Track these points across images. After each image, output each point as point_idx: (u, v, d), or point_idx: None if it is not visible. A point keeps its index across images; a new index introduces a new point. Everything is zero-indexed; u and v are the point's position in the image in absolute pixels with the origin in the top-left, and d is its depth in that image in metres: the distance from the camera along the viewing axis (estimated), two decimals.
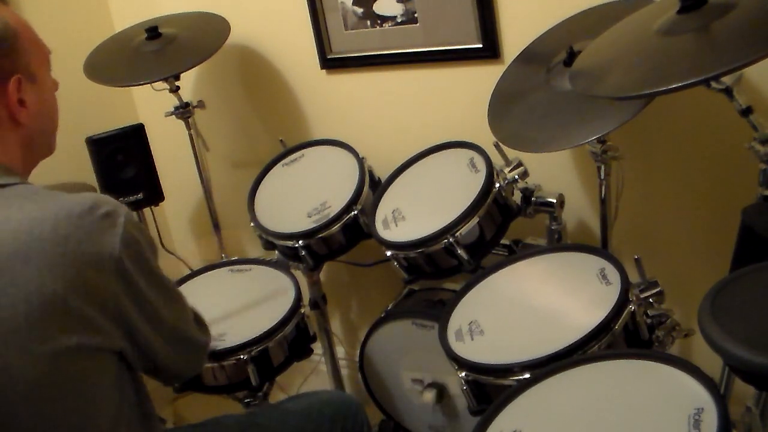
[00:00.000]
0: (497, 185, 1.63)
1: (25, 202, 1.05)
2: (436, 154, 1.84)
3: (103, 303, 1.04)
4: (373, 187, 1.90)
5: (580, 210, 1.90)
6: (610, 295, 1.37)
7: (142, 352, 1.13)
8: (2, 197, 1.06)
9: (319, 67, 2.16)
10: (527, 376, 1.28)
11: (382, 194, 1.83)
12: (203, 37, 2.12)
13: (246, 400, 1.82)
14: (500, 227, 1.66)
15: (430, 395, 1.82)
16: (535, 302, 1.47)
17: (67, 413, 1.04)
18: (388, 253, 1.69)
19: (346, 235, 1.84)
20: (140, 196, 2.19)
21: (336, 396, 1.59)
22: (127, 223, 1.06)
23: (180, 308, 1.22)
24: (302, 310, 1.79)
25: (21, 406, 1.01)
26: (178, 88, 2.15)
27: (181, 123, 2.21)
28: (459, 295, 1.57)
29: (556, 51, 1.62)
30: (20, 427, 1.01)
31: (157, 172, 2.21)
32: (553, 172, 1.85)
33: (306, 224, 1.84)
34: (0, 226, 1.01)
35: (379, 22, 2.01)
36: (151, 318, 1.12)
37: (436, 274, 1.69)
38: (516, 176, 1.67)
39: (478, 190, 1.61)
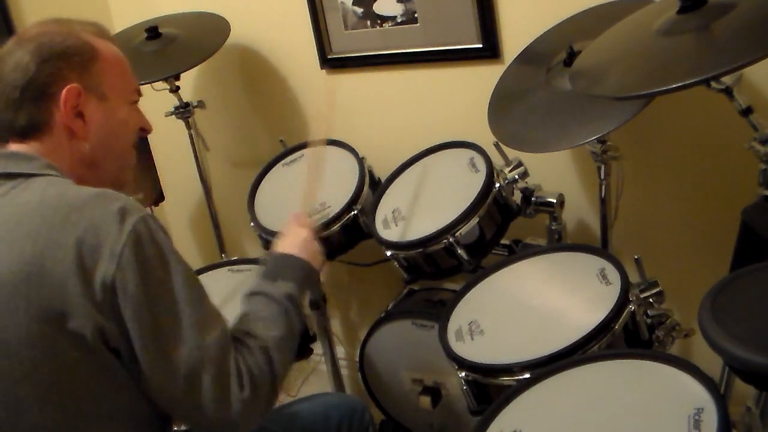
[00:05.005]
0: (497, 185, 1.63)
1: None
2: (436, 154, 1.84)
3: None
4: (373, 187, 1.90)
5: (580, 210, 1.90)
6: (610, 295, 1.37)
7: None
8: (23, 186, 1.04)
9: (319, 67, 2.16)
10: (527, 376, 1.28)
11: (382, 194, 1.83)
12: (203, 37, 2.12)
13: None
14: (500, 227, 1.66)
15: (426, 400, 1.82)
16: (535, 302, 1.47)
17: (69, 425, 1.03)
18: (388, 253, 1.68)
19: (346, 235, 1.84)
20: (140, 196, 2.19)
21: (342, 399, 1.57)
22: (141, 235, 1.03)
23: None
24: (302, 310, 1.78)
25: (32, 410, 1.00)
26: (178, 88, 2.15)
27: (181, 123, 2.21)
28: (459, 295, 1.57)
29: (556, 51, 1.62)
30: None
31: (157, 172, 2.21)
32: (553, 172, 1.85)
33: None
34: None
35: (379, 22, 2.01)
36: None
37: (436, 274, 1.69)
38: (516, 176, 1.67)
39: (478, 190, 1.61)
